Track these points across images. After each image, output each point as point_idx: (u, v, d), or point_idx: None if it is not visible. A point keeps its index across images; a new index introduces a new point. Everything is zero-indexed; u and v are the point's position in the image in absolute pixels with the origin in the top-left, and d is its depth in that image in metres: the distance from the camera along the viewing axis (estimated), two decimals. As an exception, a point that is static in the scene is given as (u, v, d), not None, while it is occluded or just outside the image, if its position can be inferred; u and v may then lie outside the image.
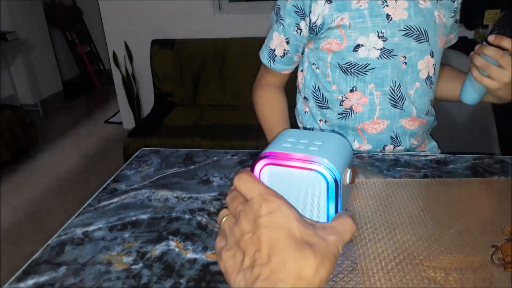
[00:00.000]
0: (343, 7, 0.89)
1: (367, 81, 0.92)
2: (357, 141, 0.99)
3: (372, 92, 0.93)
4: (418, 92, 0.95)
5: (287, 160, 0.47)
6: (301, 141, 0.49)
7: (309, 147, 0.48)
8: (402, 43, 0.89)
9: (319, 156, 0.46)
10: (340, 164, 0.47)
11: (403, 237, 0.60)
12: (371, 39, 0.89)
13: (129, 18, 2.93)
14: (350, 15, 0.88)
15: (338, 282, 0.52)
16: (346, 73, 0.93)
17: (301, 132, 0.53)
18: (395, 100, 0.94)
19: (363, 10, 0.88)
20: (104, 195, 0.76)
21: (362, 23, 0.88)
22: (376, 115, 0.95)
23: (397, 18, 0.88)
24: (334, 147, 0.50)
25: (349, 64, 0.92)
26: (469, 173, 0.78)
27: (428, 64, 0.93)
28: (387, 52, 0.90)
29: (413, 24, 0.89)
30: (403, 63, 0.91)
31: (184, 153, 0.91)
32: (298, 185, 0.47)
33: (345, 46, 0.90)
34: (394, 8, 0.88)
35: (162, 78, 2.83)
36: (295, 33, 0.95)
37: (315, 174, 0.46)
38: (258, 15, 2.80)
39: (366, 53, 0.90)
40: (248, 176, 0.37)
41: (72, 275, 0.57)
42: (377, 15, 0.88)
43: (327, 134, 0.54)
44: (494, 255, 0.55)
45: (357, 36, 0.89)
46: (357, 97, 0.94)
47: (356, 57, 0.91)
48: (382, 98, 0.93)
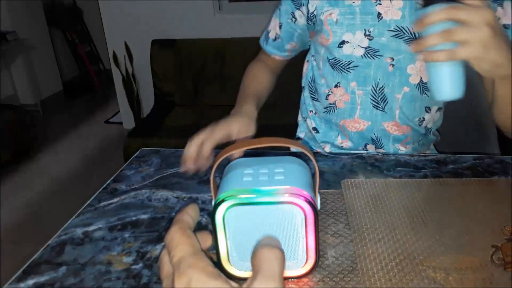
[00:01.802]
0: (335, 2, 0.88)
1: (350, 79, 0.91)
2: (340, 136, 1.00)
3: (353, 91, 0.92)
4: (406, 96, 0.90)
5: (257, 197, 0.42)
6: (261, 171, 0.46)
7: (274, 177, 0.45)
8: (390, 44, 0.86)
9: (290, 185, 0.42)
10: (311, 189, 0.45)
11: (403, 237, 0.60)
12: (357, 37, 0.87)
13: (129, 18, 2.93)
14: (341, 10, 0.87)
15: (338, 282, 0.52)
16: (333, 68, 0.93)
17: (253, 161, 0.49)
18: (377, 101, 0.91)
19: (355, 7, 0.86)
20: (104, 195, 0.76)
21: (351, 20, 0.87)
22: (356, 114, 0.94)
23: (388, 17, 0.85)
24: (298, 172, 0.47)
25: (335, 60, 0.91)
26: (469, 173, 0.78)
27: (421, 69, 0.88)
28: (371, 52, 0.88)
29: (405, 26, 0.85)
30: (390, 65, 0.88)
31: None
32: (271, 222, 0.43)
33: (331, 42, 0.90)
34: (387, 7, 0.85)
35: (162, 78, 2.83)
36: (289, 21, 0.97)
37: (292, 207, 0.43)
38: (258, 15, 2.80)
39: (351, 50, 0.89)
40: (174, 234, 0.31)
41: (72, 275, 0.57)
42: (368, 13, 0.86)
43: (283, 159, 0.51)
44: (494, 255, 0.55)
45: (343, 33, 0.88)
46: (340, 93, 0.94)
47: (340, 54, 0.90)
48: (363, 97, 0.92)
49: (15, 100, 3.67)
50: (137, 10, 2.89)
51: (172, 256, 0.30)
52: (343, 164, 0.83)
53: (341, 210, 0.67)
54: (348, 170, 0.81)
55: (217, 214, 0.41)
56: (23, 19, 3.66)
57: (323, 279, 0.53)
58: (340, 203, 0.69)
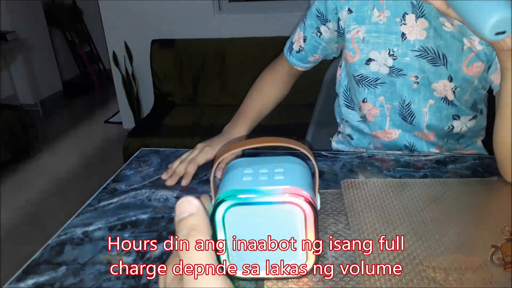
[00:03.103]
0: (361, 20, 0.87)
1: (377, 94, 0.92)
2: (372, 144, 1.00)
3: (382, 104, 0.93)
4: (432, 108, 0.90)
5: (257, 197, 0.42)
6: (261, 171, 0.45)
7: (274, 177, 0.44)
8: (413, 64, 0.86)
9: (290, 185, 0.42)
10: (311, 189, 0.45)
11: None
12: (382, 55, 0.87)
13: (129, 18, 2.92)
14: (367, 28, 0.87)
15: (338, 282, 0.52)
16: (358, 84, 0.93)
17: (253, 161, 0.49)
18: (405, 116, 0.92)
19: (381, 25, 0.86)
20: (104, 195, 0.76)
21: (376, 38, 0.87)
22: (387, 125, 0.95)
23: (412, 38, 0.84)
24: (298, 172, 0.47)
25: (361, 76, 0.92)
26: (469, 173, 0.78)
27: (445, 88, 0.87)
28: (396, 71, 0.87)
29: (429, 46, 0.83)
30: (414, 83, 0.88)
31: (184, 153, 0.90)
32: (271, 222, 0.42)
33: (357, 59, 0.90)
34: (411, 27, 0.83)
35: (162, 78, 2.83)
36: (314, 35, 0.96)
37: (292, 207, 0.42)
38: (258, 15, 2.80)
39: (377, 67, 0.89)
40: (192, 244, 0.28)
41: (72, 275, 0.57)
42: (392, 33, 0.85)
43: (282, 159, 0.51)
44: (494, 255, 0.55)
45: (369, 50, 0.88)
46: (368, 108, 0.94)
47: (368, 71, 0.90)
48: (392, 110, 0.93)
49: (15, 100, 3.66)
50: (137, 10, 2.89)
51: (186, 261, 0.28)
52: (343, 164, 0.83)
53: (341, 210, 0.67)
54: (348, 170, 0.81)
55: (217, 214, 0.41)
56: (23, 19, 3.66)
57: (323, 279, 0.53)
58: (340, 203, 0.69)
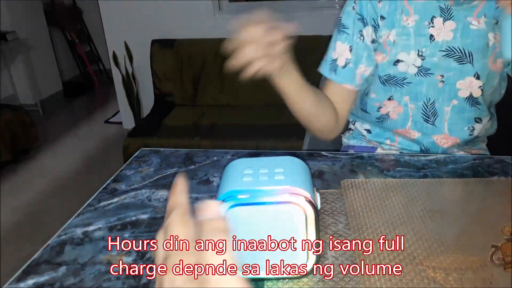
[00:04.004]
0: (391, 24, 0.90)
1: (403, 93, 0.94)
2: (390, 140, 1.02)
3: (406, 104, 0.95)
4: (455, 109, 0.93)
5: (258, 197, 0.42)
6: (261, 171, 0.45)
7: (274, 177, 0.44)
8: (440, 63, 0.89)
9: (290, 185, 0.42)
10: (311, 189, 0.45)
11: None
12: (411, 56, 0.90)
13: (129, 18, 2.92)
14: (397, 31, 0.90)
15: (338, 282, 0.52)
16: (384, 84, 0.94)
17: (253, 161, 0.49)
18: (427, 115, 0.94)
19: (410, 28, 0.89)
20: (104, 195, 0.76)
21: (406, 41, 0.89)
22: (408, 125, 0.97)
23: (440, 39, 0.88)
24: (298, 172, 0.47)
25: (388, 76, 0.93)
26: (469, 173, 0.78)
27: (471, 85, 0.91)
28: (423, 70, 0.90)
29: (456, 46, 0.88)
30: (440, 82, 0.91)
31: (184, 153, 0.91)
32: (272, 222, 0.42)
33: (386, 60, 0.92)
34: (439, 29, 0.88)
35: (162, 78, 2.83)
36: (358, 40, 0.92)
37: (292, 207, 0.42)
38: (258, 15, 2.79)
39: (405, 68, 0.91)
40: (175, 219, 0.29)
41: (72, 275, 0.57)
42: (421, 35, 0.89)
43: (283, 159, 0.50)
44: (494, 255, 0.55)
45: (398, 52, 0.90)
46: (393, 106, 0.96)
47: (395, 71, 0.92)
48: (415, 111, 0.95)
49: (15, 100, 3.66)
50: (137, 10, 2.88)
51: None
52: (343, 164, 0.83)
53: (341, 210, 0.67)
54: (348, 170, 0.81)
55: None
56: (23, 19, 3.66)
57: (323, 279, 0.53)
58: (340, 203, 0.69)
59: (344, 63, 0.92)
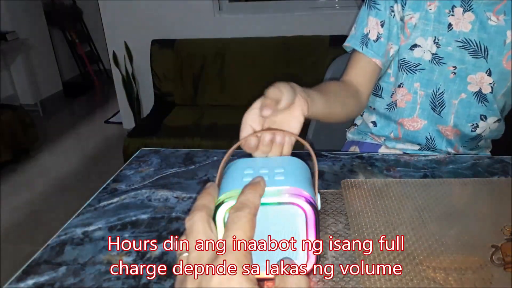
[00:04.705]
0: (417, 7, 0.91)
1: (414, 79, 0.95)
2: (394, 133, 1.02)
3: (416, 91, 0.96)
4: (462, 102, 0.94)
5: None
6: (261, 172, 0.45)
7: (274, 177, 0.44)
8: (455, 54, 0.90)
9: (290, 185, 0.42)
10: (311, 190, 0.45)
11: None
12: (428, 42, 0.91)
13: (129, 18, 2.93)
14: (421, 14, 0.90)
15: (338, 282, 0.52)
16: (399, 68, 0.96)
17: (253, 161, 0.49)
18: (435, 105, 0.95)
19: (431, 14, 0.90)
20: (104, 195, 0.76)
21: (426, 26, 0.90)
22: (416, 113, 0.98)
23: (457, 29, 0.89)
24: (298, 172, 0.47)
25: (403, 61, 0.94)
26: (469, 173, 0.78)
27: (482, 81, 0.91)
28: (437, 59, 0.91)
29: (473, 39, 0.89)
30: (451, 73, 0.92)
31: (184, 153, 0.91)
32: (272, 222, 0.42)
33: (404, 43, 0.93)
34: (458, 19, 0.88)
35: (162, 78, 2.83)
36: (390, 16, 0.93)
37: (292, 208, 0.42)
38: (258, 15, 2.80)
39: (421, 54, 0.92)
40: (197, 223, 0.34)
41: (72, 275, 0.57)
42: (440, 22, 0.89)
43: (283, 159, 0.50)
44: (494, 255, 0.55)
45: (417, 37, 0.91)
46: (402, 93, 0.97)
47: (410, 56, 0.93)
48: (424, 98, 0.96)
49: (15, 100, 3.67)
50: (137, 10, 2.89)
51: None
52: (343, 164, 0.83)
53: (341, 210, 0.67)
54: (348, 170, 0.81)
55: (217, 216, 0.41)
56: (23, 19, 3.66)
57: (323, 279, 0.53)
58: (340, 203, 0.69)
59: (376, 37, 0.93)
